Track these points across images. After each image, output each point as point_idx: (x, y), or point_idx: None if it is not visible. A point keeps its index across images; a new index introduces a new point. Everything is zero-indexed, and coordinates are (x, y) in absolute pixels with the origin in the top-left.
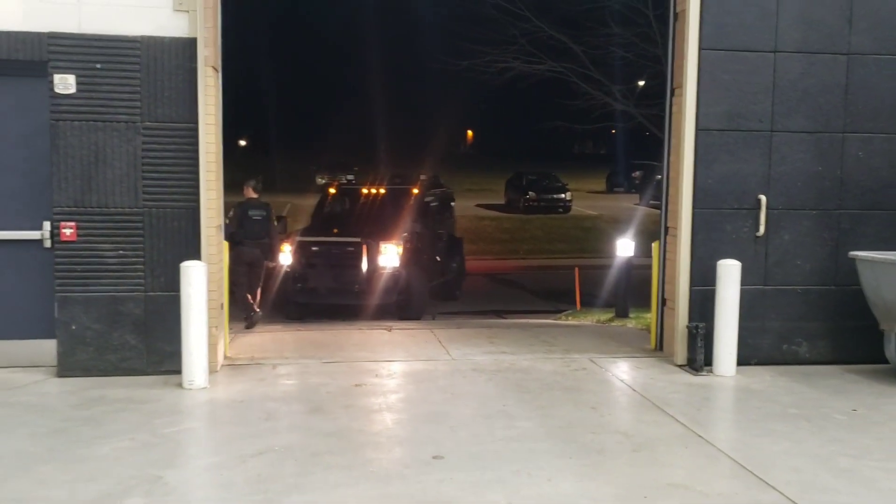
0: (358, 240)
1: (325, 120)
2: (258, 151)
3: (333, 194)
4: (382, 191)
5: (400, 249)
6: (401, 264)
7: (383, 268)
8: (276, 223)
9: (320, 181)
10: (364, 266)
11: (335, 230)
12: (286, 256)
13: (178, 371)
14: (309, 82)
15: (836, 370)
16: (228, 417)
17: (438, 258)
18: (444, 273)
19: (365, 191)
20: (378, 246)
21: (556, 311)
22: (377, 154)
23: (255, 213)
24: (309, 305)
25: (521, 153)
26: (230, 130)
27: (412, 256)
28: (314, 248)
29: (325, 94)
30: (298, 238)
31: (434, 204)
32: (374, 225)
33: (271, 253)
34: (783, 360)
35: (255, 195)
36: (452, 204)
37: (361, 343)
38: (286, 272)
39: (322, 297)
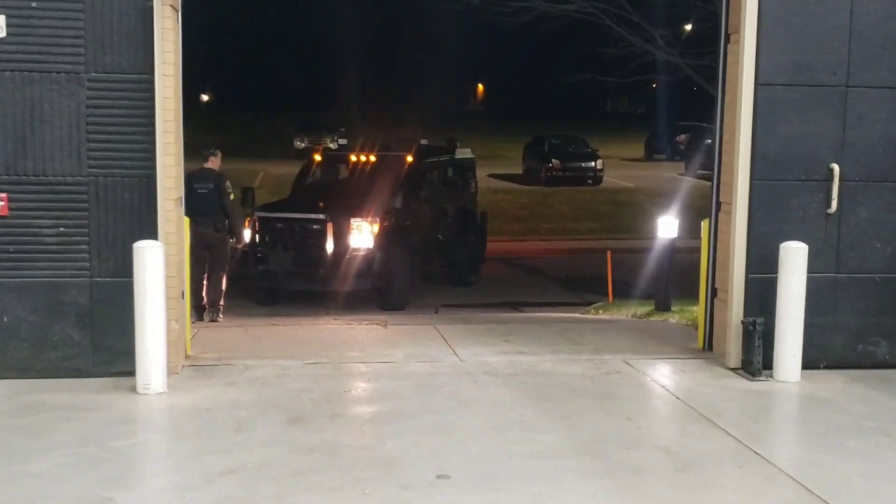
0: (322, 216)
1: (307, 72)
2: (224, 109)
3: (319, 162)
4: (373, 159)
5: (375, 227)
6: (377, 245)
7: (354, 249)
8: (231, 195)
9: (299, 145)
10: (329, 246)
11: (302, 205)
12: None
13: (132, 372)
14: (287, 24)
15: None
16: (192, 428)
17: (441, 237)
18: (450, 256)
19: (354, 158)
20: (347, 223)
21: (585, 304)
22: (370, 114)
23: (200, 186)
24: (280, 291)
25: (543, 112)
26: (191, 83)
27: (395, 236)
28: (276, 225)
29: (306, 39)
30: (258, 213)
31: (441, 173)
32: (350, 199)
33: (234, 232)
34: (858, 364)
35: (206, 165)
36: (471, 174)
37: (351, 340)
38: (244, 252)
39: (281, 281)
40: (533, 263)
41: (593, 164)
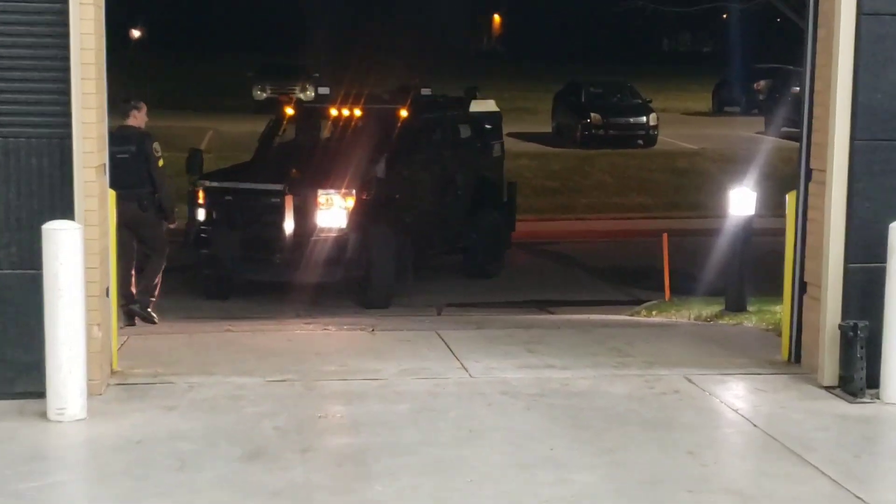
0: (279, 187)
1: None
2: (162, 50)
3: (290, 117)
4: (358, 113)
5: (349, 201)
6: (352, 224)
7: (322, 229)
8: (160, 161)
9: (260, 96)
10: (288, 226)
11: (258, 173)
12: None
13: (42, 393)
14: None
15: None
16: (119, 466)
17: (447, 216)
18: (461, 239)
19: (335, 112)
20: (313, 196)
21: (634, 303)
22: (353, 56)
23: (120, 150)
24: (232, 282)
25: (578, 52)
26: (118, 16)
27: (378, 213)
28: (223, 198)
29: None
30: (204, 183)
31: (447, 132)
32: (321, 165)
33: (163, 208)
34: None
35: (127, 122)
36: (494, 134)
37: (327, 350)
38: (185, 232)
39: (229, 268)
40: (566, 250)
41: (644, 119)
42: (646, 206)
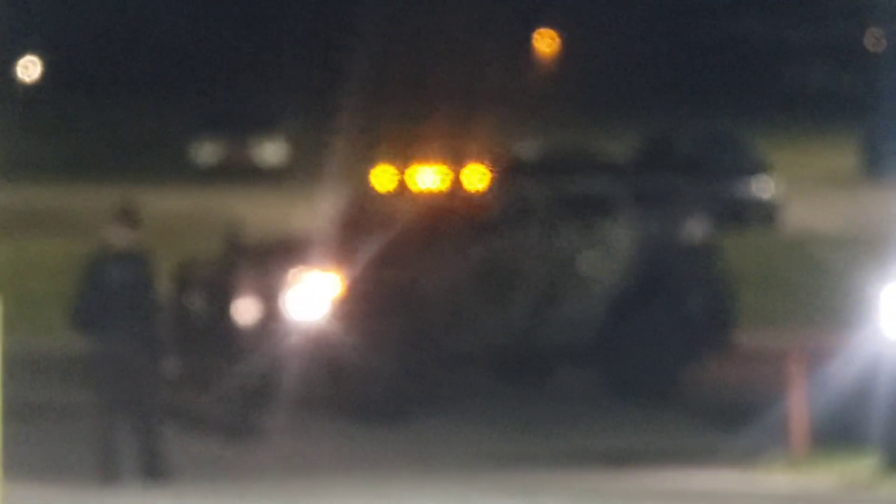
0: None
1: (219, 21)
2: (66, 90)
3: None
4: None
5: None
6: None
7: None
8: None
9: (206, 157)
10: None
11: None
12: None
13: None
14: None
15: None
16: None
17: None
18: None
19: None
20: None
21: (747, 456)
22: (344, 93)
23: (117, 271)
24: None
25: (655, 86)
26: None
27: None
28: None
29: None
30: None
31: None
32: None
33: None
34: None
35: (123, 234)
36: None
37: None
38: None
39: None
40: None
41: (759, 189)
42: (761, 313)
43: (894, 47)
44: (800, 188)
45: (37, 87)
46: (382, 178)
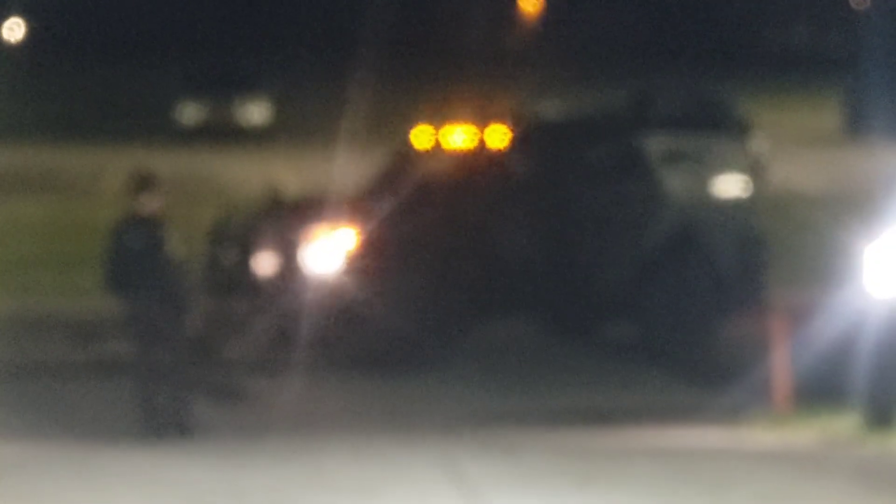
0: None
1: None
2: (51, 51)
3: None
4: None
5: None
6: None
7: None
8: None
9: (190, 118)
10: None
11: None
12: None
13: None
14: None
15: None
16: None
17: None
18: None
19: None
20: None
21: (730, 413)
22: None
23: (133, 236)
24: None
25: (637, 46)
26: None
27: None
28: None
29: None
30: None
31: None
32: None
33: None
34: None
35: (149, 202)
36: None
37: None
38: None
39: None
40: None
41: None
42: None
43: (878, 6)
44: (782, 147)
45: (21, 49)
46: (422, 137)
